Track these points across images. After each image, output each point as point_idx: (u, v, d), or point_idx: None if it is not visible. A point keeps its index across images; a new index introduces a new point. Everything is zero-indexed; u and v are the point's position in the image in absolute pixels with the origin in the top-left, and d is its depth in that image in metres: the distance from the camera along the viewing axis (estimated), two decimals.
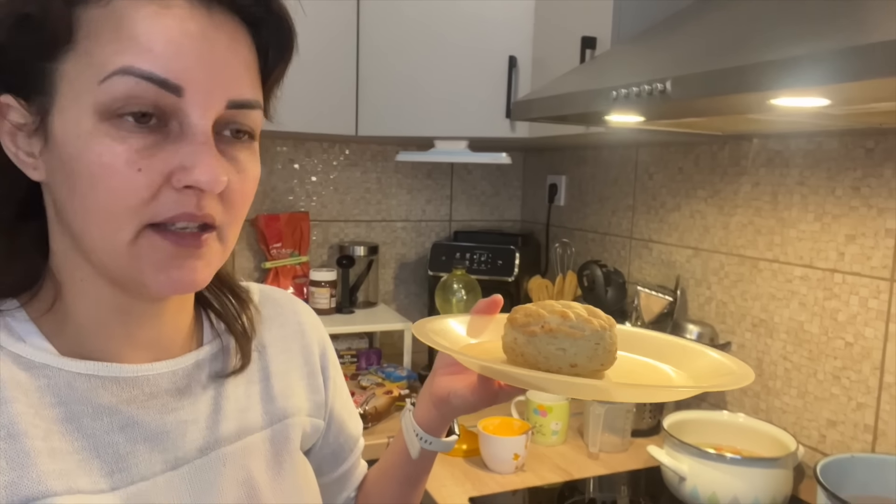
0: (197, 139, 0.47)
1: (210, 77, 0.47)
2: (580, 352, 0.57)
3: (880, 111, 0.79)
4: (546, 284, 1.72)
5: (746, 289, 1.35)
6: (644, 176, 1.63)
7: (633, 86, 0.81)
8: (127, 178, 0.45)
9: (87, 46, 0.46)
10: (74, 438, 0.50)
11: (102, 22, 0.46)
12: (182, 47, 0.46)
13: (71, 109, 0.46)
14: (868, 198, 1.12)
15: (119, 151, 0.45)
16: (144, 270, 0.48)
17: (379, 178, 1.99)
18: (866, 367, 1.12)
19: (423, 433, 0.69)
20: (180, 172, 0.46)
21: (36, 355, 0.50)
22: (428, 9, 1.50)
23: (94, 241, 0.48)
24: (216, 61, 0.47)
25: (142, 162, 0.46)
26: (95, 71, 0.45)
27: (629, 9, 1.15)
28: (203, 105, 0.47)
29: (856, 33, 0.60)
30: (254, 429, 0.61)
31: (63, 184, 0.48)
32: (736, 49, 0.75)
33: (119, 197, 0.46)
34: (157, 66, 0.45)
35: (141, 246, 0.48)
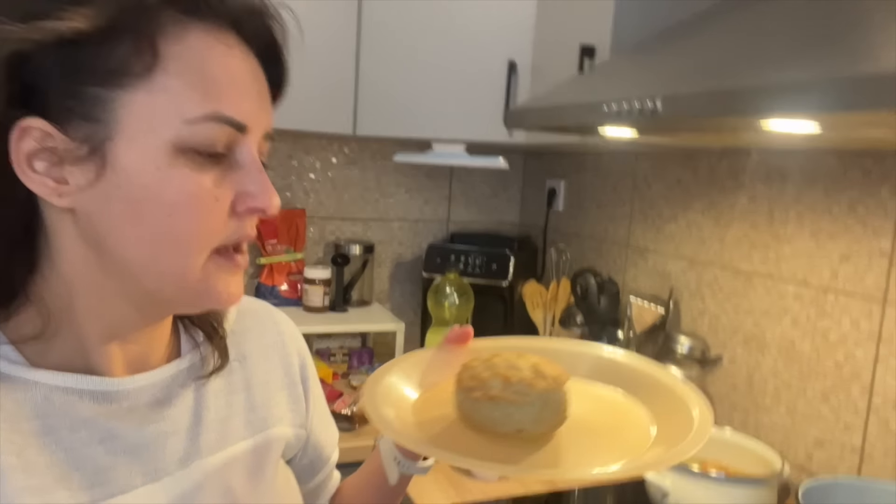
0: (255, 167, 0.51)
1: (261, 114, 0.52)
2: (525, 417, 0.57)
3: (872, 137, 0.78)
4: (540, 290, 1.71)
5: (739, 303, 1.34)
6: (643, 185, 1.62)
7: (624, 102, 0.80)
8: (208, 207, 0.49)
9: (166, 82, 0.46)
10: (52, 452, 0.49)
11: (181, 60, 0.47)
12: (247, 89, 0.50)
13: (143, 140, 0.46)
14: (864, 217, 1.11)
15: (201, 182, 0.48)
16: (214, 289, 0.52)
17: (377, 176, 1.98)
18: (855, 388, 1.11)
19: (400, 457, 0.69)
20: (246, 199, 0.51)
21: (10, 369, 0.50)
22: (429, 11, 1.49)
23: (163, 268, 0.49)
24: (263, 99, 0.53)
25: (217, 191, 0.49)
26: (180, 109, 0.47)
27: (628, 19, 1.14)
28: (254, 138, 0.52)
29: (847, 63, 0.59)
30: (236, 439, 0.61)
31: (118, 213, 0.47)
32: (728, 70, 0.74)
33: (201, 225, 0.49)
34: (236, 111, 0.49)
35: (209, 268, 0.51)
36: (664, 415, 0.61)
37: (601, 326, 1.51)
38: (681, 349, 1.38)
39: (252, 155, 0.51)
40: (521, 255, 1.80)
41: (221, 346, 0.62)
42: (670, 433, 0.59)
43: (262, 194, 0.51)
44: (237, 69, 0.50)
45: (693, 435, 0.57)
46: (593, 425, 0.62)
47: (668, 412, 0.61)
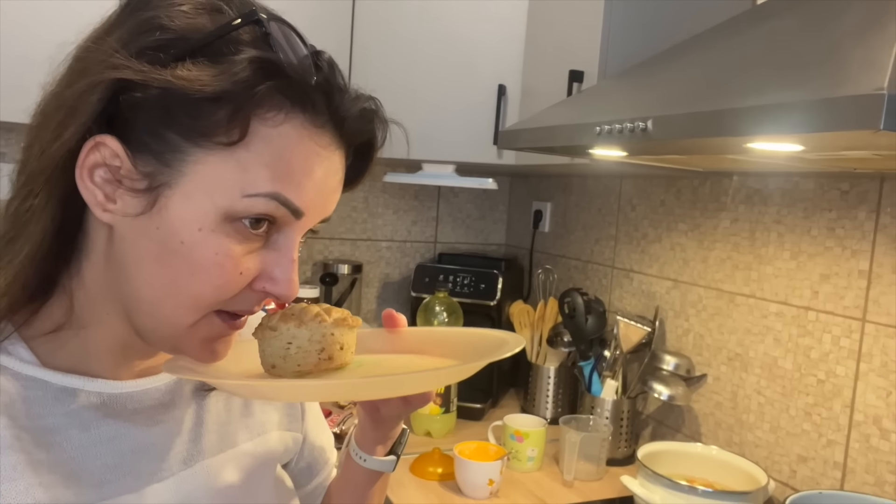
0: (289, 255, 0.51)
1: (324, 206, 0.52)
2: (274, 352, 0.54)
3: (854, 157, 0.82)
4: (527, 310, 1.73)
5: (723, 322, 1.37)
6: (627, 207, 1.66)
7: (616, 123, 0.84)
8: (231, 278, 0.49)
9: (243, 156, 0.47)
10: (62, 450, 0.51)
11: (268, 142, 0.47)
12: (322, 190, 0.51)
13: (198, 200, 0.47)
14: (842, 239, 1.15)
15: (234, 253, 0.48)
16: (193, 344, 0.52)
17: (366, 197, 2.00)
18: (837, 404, 1.14)
19: (358, 449, 0.69)
20: (267, 281, 0.51)
21: (22, 367, 0.51)
22: (421, 34, 1.53)
23: (160, 313, 0.50)
24: (334, 192, 0.53)
25: (244, 265, 0.49)
26: (246, 185, 0.47)
27: (616, 45, 1.18)
28: (308, 226, 0.52)
29: (829, 85, 0.62)
30: (235, 442, 0.63)
31: (146, 249, 0.48)
32: (715, 92, 0.77)
33: (218, 290, 0.49)
34: (298, 197, 0.49)
35: (200, 326, 0.51)
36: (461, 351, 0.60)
37: (588, 345, 1.53)
38: (666, 367, 1.41)
39: (292, 241, 0.51)
40: (507, 275, 1.82)
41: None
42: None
43: (285, 283, 0.51)
44: (318, 166, 0.50)
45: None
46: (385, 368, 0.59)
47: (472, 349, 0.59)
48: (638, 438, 1.53)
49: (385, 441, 0.70)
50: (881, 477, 1.07)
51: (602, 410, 1.44)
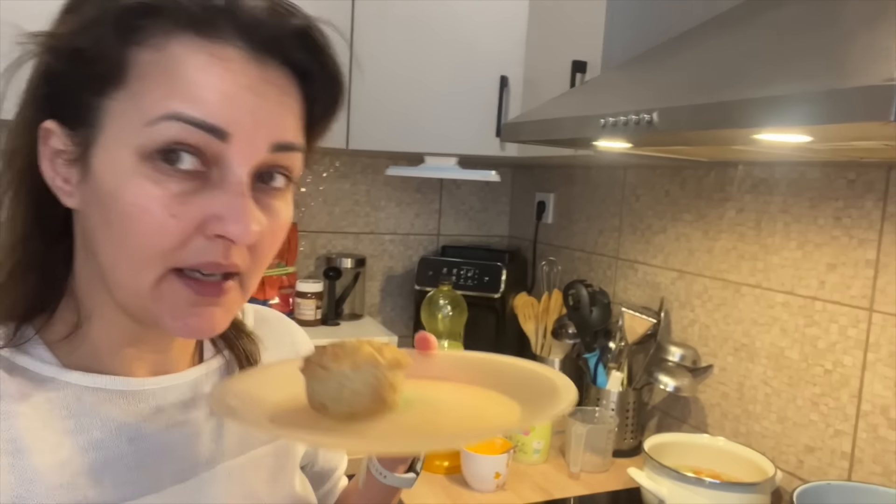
0: (234, 189, 0.47)
1: (256, 126, 0.47)
2: (326, 392, 0.52)
3: (861, 147, 0.81)
4: (532, 302, 1.72)
5: (729, 313, 1.36)
6: (631, 197, 1.65)
7: (620, 115, 0.83)
8: (160, 223, 0.46)
9: (138, 88, 0.46)
10: (84, 451, 0.51)
11: (156, 66, 0.46)
12: (234, 100, 0.46)
13: (113, 147, 0.47)
14: (849, 228, 1.14)
15: (156, 195, 0.46)
16: (163, 314, 0.49)
17: (368, 190, 1.99)
18: (844, 394, 1.14)
19: (379, 466, 0.69)
20: (214, 222, 0.47)
21: (43, 369, 0.51)
22: (422, 26, 1.52)
23: (119, 278, 0.49)
24: (264, 112, 0.48)
25: (177, 208, 0.46)
26: (143, 113, 0.45)
27: (619, 35, 1.17)
28: (246, 152, 0.47)
29: (838, 76, 0.61)
30: (256, 444, 0.62)
31: (96, 216, 0.48)
32: (721, 83, 0.76)
33: (150, 240, 0.46)
34: (207, 114, 0.46)
35: (162, 290, 0.48)
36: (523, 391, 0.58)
37: (593, 337, 1.53)
38: (672, 358, 1.40)
39: (236, 173, 0.47)
40: (511, 267, 1.82)
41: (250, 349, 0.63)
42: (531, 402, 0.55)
43: (234, 221, 0.46)
44: (225, 80, 0.46)
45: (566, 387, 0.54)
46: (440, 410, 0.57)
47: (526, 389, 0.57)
48: (644, 430, 1.52)
49: (406, 459, 0.70)
50: (889, 467, 1.07)
51: (608, 402, 1.44)
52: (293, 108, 0.51)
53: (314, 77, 0.52)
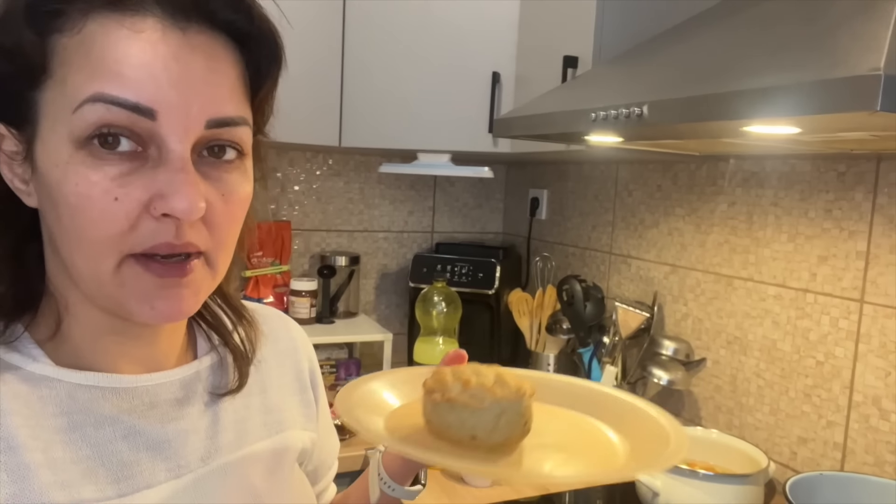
0: (173, 165, 0.46)
1: (185, 99, 0.46)
2: (479, 423, 0.54)
3: (850, 139, 0.81)
4: (526, 298, 1.73)
5: (722, 306, 1.37)
6: (624, 192, 1.65)
7: (611, 109, 0.83)
8: (104, 208, 0.45)
9: (62, 75, 0.46)
10: (78, 448, 0.50)
11: (76, 50, 0.45)
12: (153, 70, 0.45)
13: (50, 139, 0.46)
14: (840, 220, 1.14)
15: (95, 180, 0.45)
16: (129, 300, 0.48)
17: (362, 188, 1.99)
18: (836, 385, 1.15)
19: (388, 478, 0.69)
20: (157, 200, 0.46)
21: (35, 367, 0.51)
22: (414, 23, 1.52)
23: (80, 270, 0.48)
24: (191, 82, 0.46)
25: (118, 191, 0.45)
26: (69, 100, 0.45)
27: (610, 30, 1.17)
28: (179, 128, 0.46)
29: (825, 67, 0.62)
30: (253, 440, 0.62)
31: (50, 212, 0.48)
32: (711, 76, 0.77)
33: (97, 227, 0.45)
34: (128, 90, 0.44)
35: (124, 276, 0.47)
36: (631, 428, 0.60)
37: (587, 332, 1.53)
38: (665, 352, 1.41)
39: (173, 149, 0.46)
40: (505, 263, 1.82)
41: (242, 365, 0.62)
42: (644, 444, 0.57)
43: (177, 197, 0.45)
44: (139, 50, 0.45)
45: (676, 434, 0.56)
46: (560, 442, 0.60)
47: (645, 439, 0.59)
48: None
49: (414, 473, 0.70)
50: (881, 457, 1.07)
51: None
52: (227, 76, 0.49)
53: (246, 37, 0.50)
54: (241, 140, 0.50)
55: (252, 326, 0.65)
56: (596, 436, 0.61)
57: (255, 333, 0.65)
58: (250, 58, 0.51)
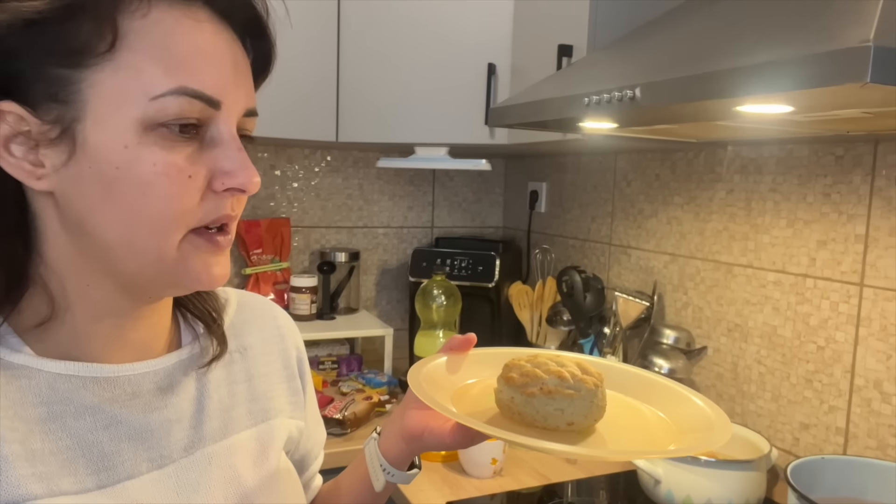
0: (233, 145, 0.51)
1: (237, 89, 0.51)
2: (577, 411, 0.60)
3: (845, 118, 0.81)
4: (526, 290, 1.73)
5: (721, 294, 1.36)
6: (622, 183, 1.65)
7: (604, 92, 0.83)
8: (181, 185, 0.48)
9: (130, 59, 0.46)
10: (58, 438, 0.50)
11: (145, 35, 0.46)
12: (220, 63, 0.49)
13: (111, 120, 0.46)
14: (838, 204, 1.14)
15: (172, 160, 0.48)
16: (192, 270, 0.51)
17: (361, 184, 1.99)
18: (837, 370, 1.14)
19: (388, 465, 0.69)
20: (223, 177, 0.50)
21: (14, 357, 0.50)
22: (408, 16, 1.52)
23: (138, 247, 0.49)
24: (239, 73, 0.51)
25: (191, 169, 0.49)
26: (145, 86, 0.46)
27: (605, 18, 1.17)
28: (229, 115, 0.51)
29: (816, 41, 0.61)
30: (239, 428, 0.61)
31: (93, 194, 0.47)
32: (704, 57, 0.76)
33: (174, 203, 0.48)
34: (205, 84, 0.48)
35: (185, 249, 0.50)
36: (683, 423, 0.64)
37: (588, 323, 1.53)
38: (666, 341, 1.41)
39: (229, 132, 0.50)
40: (505, 256, 1.82)
41: (219, 335, 0.62)
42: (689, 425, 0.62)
43: (241, 171, 0.50)
44: (206, 43, 0.49)
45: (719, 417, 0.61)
46: (621, 420, 0.66)
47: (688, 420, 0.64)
48: None
49: (412, 458, 0.71)
50: (883, 440, 1.07)
51: None
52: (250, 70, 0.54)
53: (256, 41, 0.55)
54: (252, 130, 0.56)
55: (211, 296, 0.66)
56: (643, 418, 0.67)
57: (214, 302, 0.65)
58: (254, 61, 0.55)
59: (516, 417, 0.62)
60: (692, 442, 0.59)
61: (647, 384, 0.70)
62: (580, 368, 0.63)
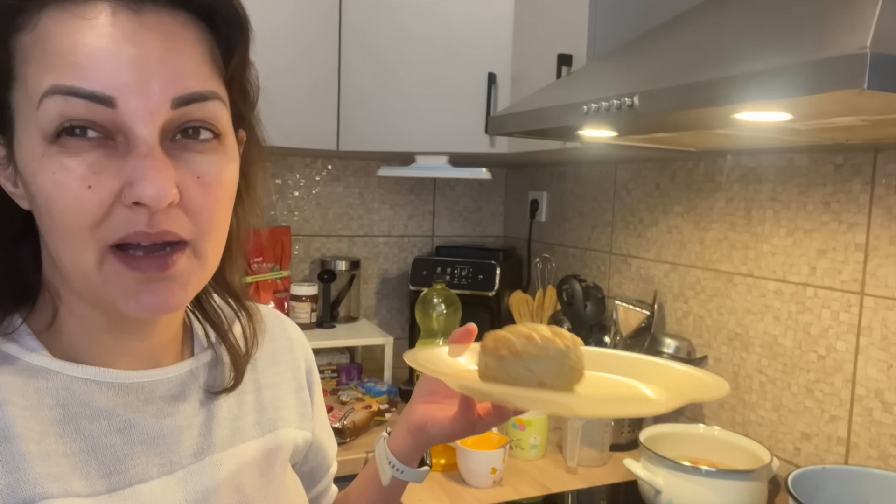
0: (140, 151, 0.45)
1: (143, 80, 0.45)
2: (546, 370, 0.58)
3: (842, 126, 0.81)
4: (527, 299, 1.72)
5: (722, 303, 1.36)
6: (622, 192, 1.65)
7: (603, 100, 0.83)
8: (77, 196, 0.44)
9: (24, 73, 0.46)
10: (72, 440, 0.50)
11: (31, 46, 0.45)
12: (105, 55, 0.44)
13: (24, 138, 0.47)
14: (838, 213, 1.14)
15: (71, 167, 0.44)
16: (114, 296, 0.48)
17: (361, 193, 2.00)
18: (838, 379, 1.14)
19: (396, 461, 0.69)
20: (127, 188, 0.45)
21: (33, 358, 0.51)
22: (409, 25, 1.52)
23: (66, 266, 0.48)
24: (149, 63, 0.45)
25: (92, 178, 0.44)
26: (31, 97, 0.45)
27: (604, 27, 1.18)
28: (142, 112, 0.45)
29: (814, 48, 0.61)
30: (247, 437, 0.61)
31: (35, 210, 0.48)
32: (702, 65, 0.77)
33: (72, 216, 0.45)
34: (83, 79, 0.44)
35: (106, 272, 0.47)
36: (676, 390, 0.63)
37: (588, 331, 1.52)
38: (667, 350, 1.40)
39: (140, 133, 0.45)
40: (506, 265, 1.82)
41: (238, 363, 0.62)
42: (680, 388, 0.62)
43: (144, 184, 0.44)
44: (91, 38, 0.44)
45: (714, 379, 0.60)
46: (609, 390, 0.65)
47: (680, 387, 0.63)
48: (641, 423, 1.52)
49: (420, 454, 0.71)
50: (885, 450, 1.06)
51: None
52: (190, 53, 0.48)
53: (208, 12, 0.49)
54: (213, 117, 0.49)
55: (253, 321, 0.64)
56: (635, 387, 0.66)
57: (255, 328, 0.64)
58: (216, 32, 0.50)
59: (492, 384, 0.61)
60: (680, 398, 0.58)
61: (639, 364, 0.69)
62: (553, 332, 0.61)
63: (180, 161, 0.47)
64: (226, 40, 0.51)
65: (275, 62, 1.46)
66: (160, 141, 0.46)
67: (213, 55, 0.50)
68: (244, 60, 0.53)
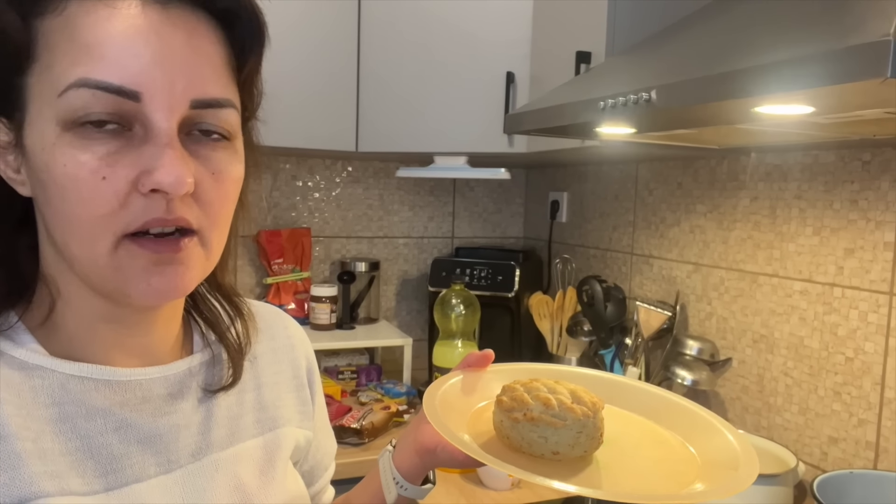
0: (159, 140, 0.46)
1: (169, 77, 0.46)
2: (562, 440, 0.58)
3: (869, 119, 0.78)
4: (546, 300, 1.71)
5: (747, 304, 1.33)
6: (644, 192, 1.63)
7: (619, 96, 0.82)
8: (93, 188, 0.45)
9: (47, 59, 0.46)
10: (68, 439, 0.50)
11: (58, 32, 0.45)
12: (134, 48, 0.45)
13: (37, 123, 0.46)
14: (866, 211, 1.11)
15: (83, 160, 0.45)
16: (126, 280, 0.48)
17: (381, 194, 2.00)
18: (867, 382, 1.10)
19: (401, 478, 0.69)
20: (144, 176, 0.46)
21: (29, 356, 0.51)
22: (428, 26, 1.52)
23: (76, 254, 0.48)
24: (173, 59, 0.46)
25: (106, 170, 0.45)
26: (54, 84, 0.45)
27: (622, 24, 1.16)
28: (164, 106, 0.46)
29: (836, 37, 0.60)
30: (246, 436, 0.61)
31: (41, 197, 0.48)
32: (721, 58, 0.75)
33: (87, 208, 0.45)
34: (112, 74, 0.44)
35: (120, 257, 0.47)
36: (699, 441, 0.62)
37: (609, 333, 1.50)
38: (689, 352, 1.38)
39: (160, 126, 0.46)
40: (526, 266, 1.80)
41: (236, 360, 0.62)
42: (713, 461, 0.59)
43: (163, 171, 0.45)
44: (121, 29, 0.44)
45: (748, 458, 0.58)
46: (629, 450, 0.63)
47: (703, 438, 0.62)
48: None
49: (426, 472, 0.70)
50: None
51: None
52: (210, 55, 0.49)
53: (227, 14, 0.50)
54: (227, 124, 0.50)
55: (248, 320, 0.64)
56: (667, 448, 0.63)
57: (250, 327, 0.64)
58: (233, 36, 0.51)
59: (506, 441, 0.61)
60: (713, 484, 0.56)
61: (672, 409, 0.67)
62: (573, 397, 0.61)
63: (194, 155, 0.49)
64: (242, 45, 0.52)
65: (294, 65, 1.47)
66: (177, 134, 0.47)
67: (229, 59, 0.51)
68: (257, 66, 0.54)
